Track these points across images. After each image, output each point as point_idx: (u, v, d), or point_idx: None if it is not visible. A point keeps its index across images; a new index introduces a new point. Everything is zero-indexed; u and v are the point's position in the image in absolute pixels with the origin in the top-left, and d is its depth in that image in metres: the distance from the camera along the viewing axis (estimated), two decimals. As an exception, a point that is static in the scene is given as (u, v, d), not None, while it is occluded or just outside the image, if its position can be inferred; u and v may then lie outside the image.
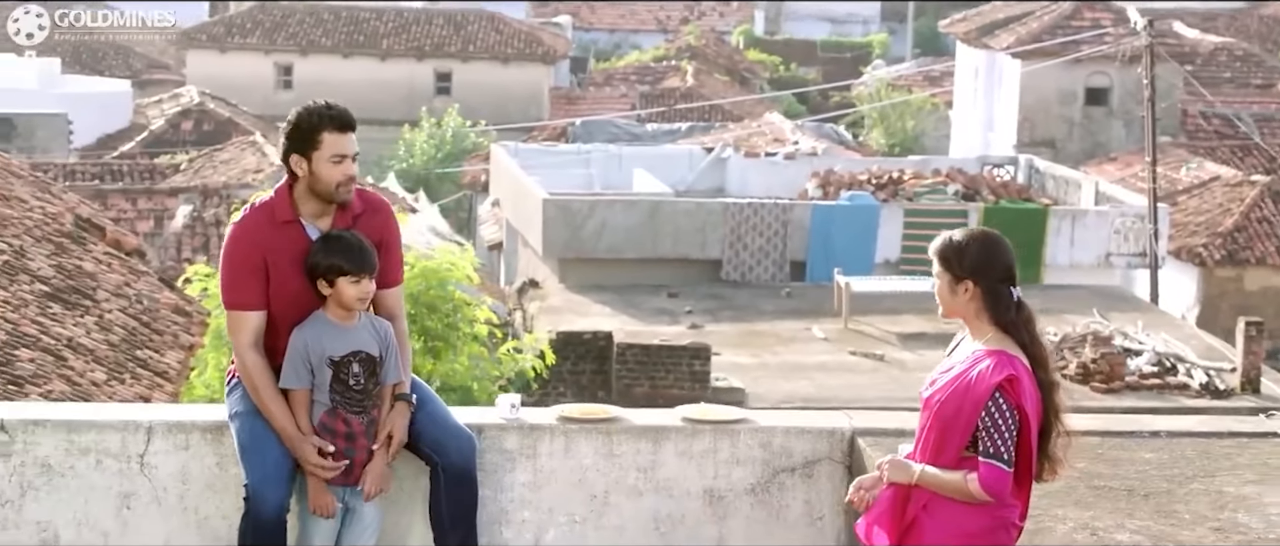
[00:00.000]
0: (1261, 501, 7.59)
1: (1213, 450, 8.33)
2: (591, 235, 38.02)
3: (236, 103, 57.39)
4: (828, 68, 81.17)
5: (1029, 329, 6.87)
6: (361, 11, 71.52)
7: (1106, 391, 29.24)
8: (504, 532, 8.12)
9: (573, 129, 56.23)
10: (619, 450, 8.14)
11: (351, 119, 7.88)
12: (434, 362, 25.49)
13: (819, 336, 33.31)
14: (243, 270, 7.74)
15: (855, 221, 38.02)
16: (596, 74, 76.58)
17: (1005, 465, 6.59)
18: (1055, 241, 37.95)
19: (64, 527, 7.95)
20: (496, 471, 8.08)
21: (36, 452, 7.91)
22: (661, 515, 8.16)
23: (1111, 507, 7.49)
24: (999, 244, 7.05)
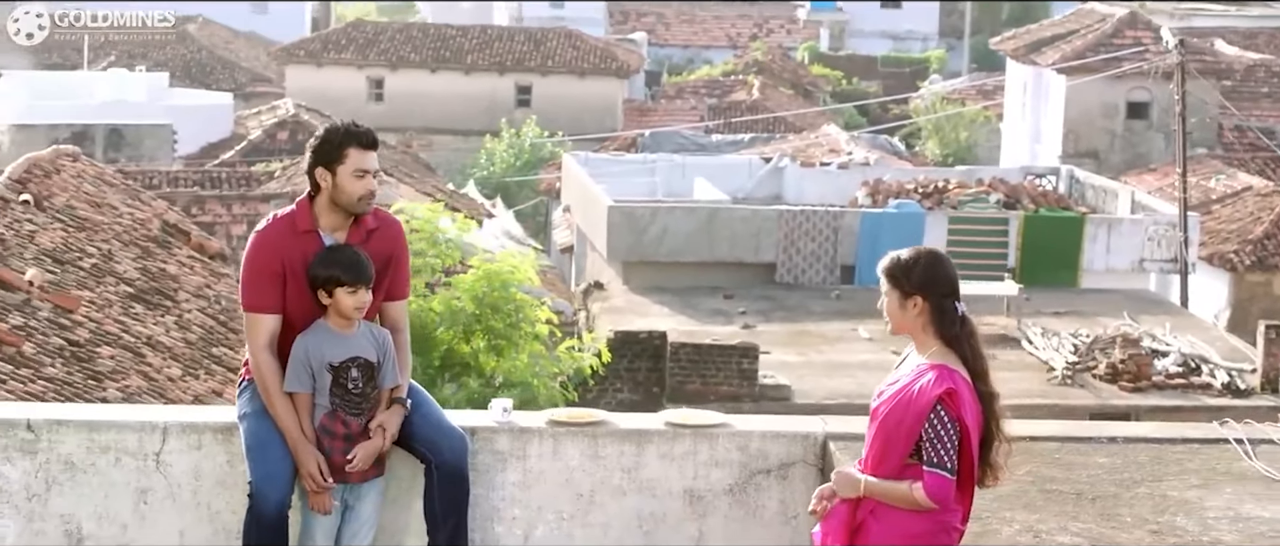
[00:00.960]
0: (1202, 505, 7.54)
1: (1165, 455, 8.26)
2: (653, 240, 38.06)
3: (329, 114, 57.53)
4: (888, 82, 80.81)
5: (972, 343, 6.87)
6: (448, 30, 71.76)
7: (1134, 390, 29.11)
8: (495, 529, 8.13)
9: (642, 139, 56.30)
10: (604, 452, 8.13)
11: (375, 138, 7.96)
12: (497, 360, 25.54)
13: (864, 336, 33.24)
14: (262, 275, 7.80)
15: (902, 228, 37.85)
16: (669, 87, 76.51)
17: (948, 473, 6.59)
18: (1092, 248, 37.79)
19: (86, 520, 8.00)
20: (489, 471, 8.09)
21: (60, 450, 7.98)
22: (644, 514, 8.15)
23: (1058, 510, 7.45)
24: (944, 262, 7.05)
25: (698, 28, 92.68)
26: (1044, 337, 31.73)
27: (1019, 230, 37.77)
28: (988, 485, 6.88)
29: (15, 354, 17.29)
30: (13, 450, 7.96)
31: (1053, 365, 30.27)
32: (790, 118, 62.44)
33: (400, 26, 74.40)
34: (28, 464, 7.97)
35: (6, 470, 7.96)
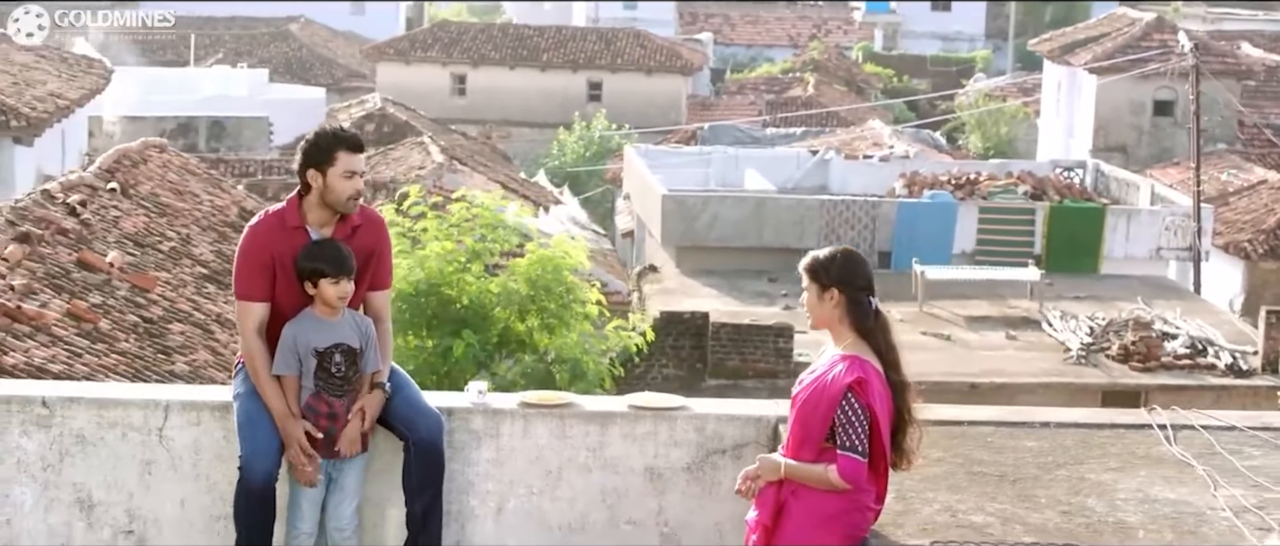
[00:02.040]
0: (1114, 487, 7.50)
1: (1091, 440, 8.21)
2: (704, 227, 38.06)
3: (414, 108, 57.73)
4: (936, 80, 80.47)
5: (885, 335, 6.90)
6: (526, 30, 71.94)
7: (1143, 370, 28.96)
8: (470, 501, 8.17)
9: (702, 132, 56.25)
10: (571, 432, 8.16)
11: (362, 142, 8.07)
12: (550, 337, 25.62)
13: (896, 318, 32.83)
14: (252, 267, 7.89)
15: (935, 217, 37.79)
16: (731, 84, 76.39)
17: (860, 456, 6.62)
18: (1112, 237, 37.56)
19: (96, 489, 8.09)
20: (465, 448, 8.14)
21: (72, 425, 8.06)
22: (608, 489, 8.17)
23: (979, 491, 7.42)
24: (859, 258, 7.06)
25: (761, 28, 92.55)
26: (1062, 320, 31.58)
27: (1044, 220, 37.59)
28: (901, 468, 6.90)
29: (92, 329, 17.48)
30: (30, 424, 8.05)
31: (1069, 346, 30.12)
32: (842, 113, 62.27)
33: (482, 27, 74.62)
34: (43, 437, 8.06)
35: (24, 442, 8.05)
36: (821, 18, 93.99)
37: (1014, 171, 41.73)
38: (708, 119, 62.40)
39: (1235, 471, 7.71)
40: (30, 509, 8.09)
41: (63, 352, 16.38)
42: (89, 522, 8.10)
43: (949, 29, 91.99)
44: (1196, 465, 7.78)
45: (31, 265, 18.14)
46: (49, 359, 16.02)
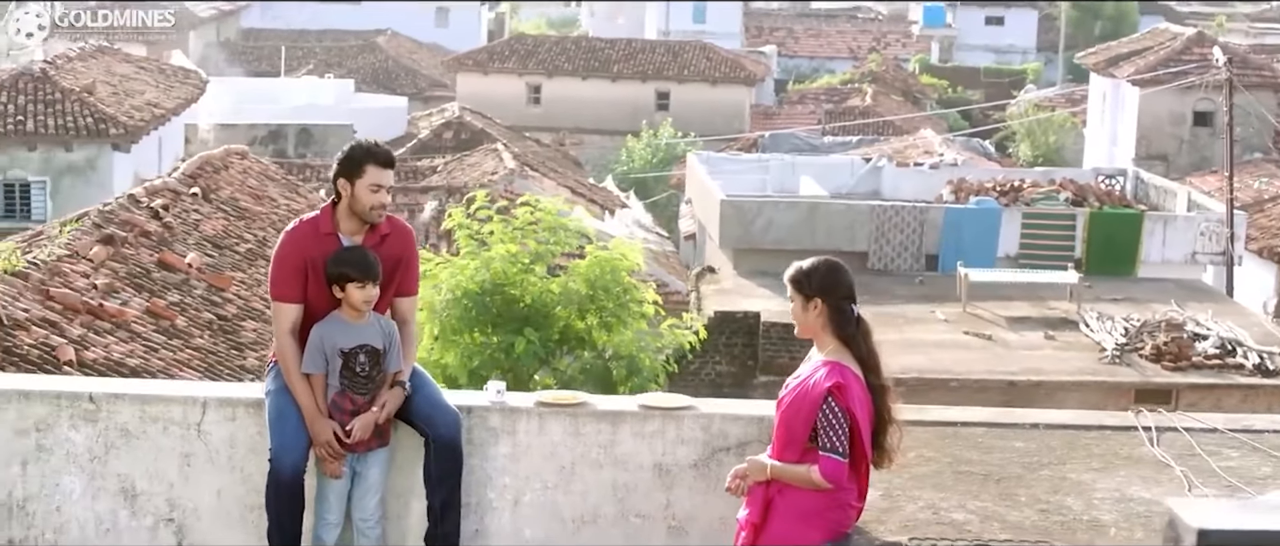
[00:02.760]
0: (1093, 487, 7.48)
1: (1077, 441, 8.17)
2: (760, 230, 37.96)
3: (491, 116, 57.94)
4: (989, 90, 79.97)
5: (866, 341, 6.89)
6: (598, 42, 72.13)
7: (1174, 369, 28.70)
8: (489, 494, 8.20)
9: (762, 140, 56.18)
10: (584, 430, 8.17)
11: (392, 158, 8.09)
12: (608, 335, 25.67)
13: (940, 318, 32.97)
14: (287, 270, 7.96)
15: (980, 222, 37.57)
16: (793, 94, 76.26)
17: (841, 456, 6.63)
18: (1149, 241, 37.23)
19: (139, 479, 8.17)
20: (483, 444, 8.17)
21: (117, 419, 8.15)
22: (619, 484, 8.19)
23: (963, 490, 7.41)
24: (841, 270, 7.05)
25: (823, 41, 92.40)
26: (1099, 321, 31.34)
27: (1085, 225, 37.29)
28: (883, 467, 6.90)
29: (170, 326, 17.67)
30: (78, 418, 8.15)
31: (1104, 346, 29.91)
32: (897, 122, 62.06)
33: (557, 39, 74.83)
34: (90, 430, 8.15)
35: (73, 435, 8.15)
36: (881, 31, 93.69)
37: (1056, 179, 41.44)
38: (770, 127, 62.36)
39: (1211, 472, 7.67)
40: (78, 497, 8.18)
41: (140, 348, 16.56)
42: (133, 510, 8.19)
43: (1002, 42, 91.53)
44: (1175, 466, 7.74)
45: (114, 265, 18.36)
46: (127, 353, 16.21)
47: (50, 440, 8.16)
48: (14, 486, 8.18)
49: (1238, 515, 3.48)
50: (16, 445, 8.16)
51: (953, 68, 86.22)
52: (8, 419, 8.16)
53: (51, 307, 16.35)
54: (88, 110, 36.66)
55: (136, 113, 38.00)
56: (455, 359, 25.49)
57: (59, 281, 17.03)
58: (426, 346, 25.38)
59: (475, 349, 25.30)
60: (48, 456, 8.16)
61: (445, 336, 25.48)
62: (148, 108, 38.99)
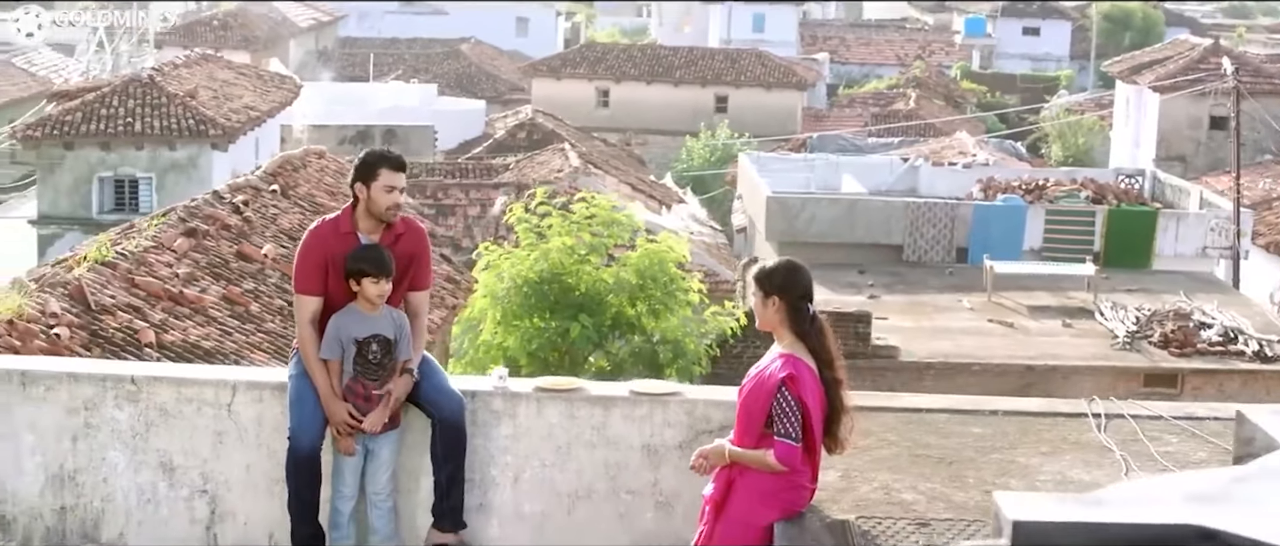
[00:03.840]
0: (1038, 470, 7.44)
1: (1031, 427, 8.12)
2: (803, 224, 37.91)
3: (562, 117, 58.03)
4: (1025, 95, 79.40)
5: (820, 337, 6.88)
6: (662, 49, 72.11)
7: (1180, 355, 28.50)
8: (491, 471, 8.27)
9: (811, 141, 56.02)
10: (578, 413, 8.22)
11: (404, 162, 8.15)
12: (656, 321, 25.74)
13: (966, 307, 32.83)
14: (310, 266, 8.05)
15: (1007, 218, 37.36)
16: (842, 98, 76.00)
17: (793, 442, 6.64)
18: (1163, 237, 36.92)
19: (176, 454, 8.30)
20: (487, 425, 8.23)
21: (156, 400, 8.28)
22: (610, 463, 8.24)
23: (916, 472, 7.40)
24: (800, 271, 7.05)
25: (872, 49, 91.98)
26: (1113, 310, 31.15)
27: (1103, 221, 37.01)
28: (834, 452, 6.91)
29: (244, 311, 17.82)
30: (122, 399, 8.27)
31: (1116, 333, 29.73)
32: (938, 124, 61.72)
33: (623, 47, 74.79)
34: (132, 409, 8.28)
35: (117, 414, 8.28)
36: (926, 40, 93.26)
37: (1078, 178, 41.13)
38: (820, 129, 62.15)
39: (1150, 456, 7.63)
40: (122, 469, 8.32)
41: (216, 331, 16.73)
42: (170, 482, 8.32)
43: (1038, 51, 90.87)
44: (1116, 451, 7.70)
45: (196, 256, 18.53)
46: (202, 336, 16.37)
47: (97, 418, 8.29)
48: (65, 459, 8.32)
49: (1055, 508, 3.48)
50: (67, 422, 8.30)
51: (992, 74, 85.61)
52: (59, 399, 8.29)
53: (136, 294, 16.53)
54: (190, 113, 36.99)
55: (234, 115, 38.30)
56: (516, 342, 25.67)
57: (144, 270, 17.21)
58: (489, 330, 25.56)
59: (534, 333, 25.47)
60: (95, 433, 8.30)
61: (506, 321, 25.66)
62: (244, 110, 39.29)
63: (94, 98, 38.16)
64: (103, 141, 36.75)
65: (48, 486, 8.35)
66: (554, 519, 8.26)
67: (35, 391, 8.31)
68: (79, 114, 37.33)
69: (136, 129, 36.59)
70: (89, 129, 36.78)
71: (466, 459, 8.11)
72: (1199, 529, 3.23)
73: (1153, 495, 3.56)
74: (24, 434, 8.32)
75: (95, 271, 16.59)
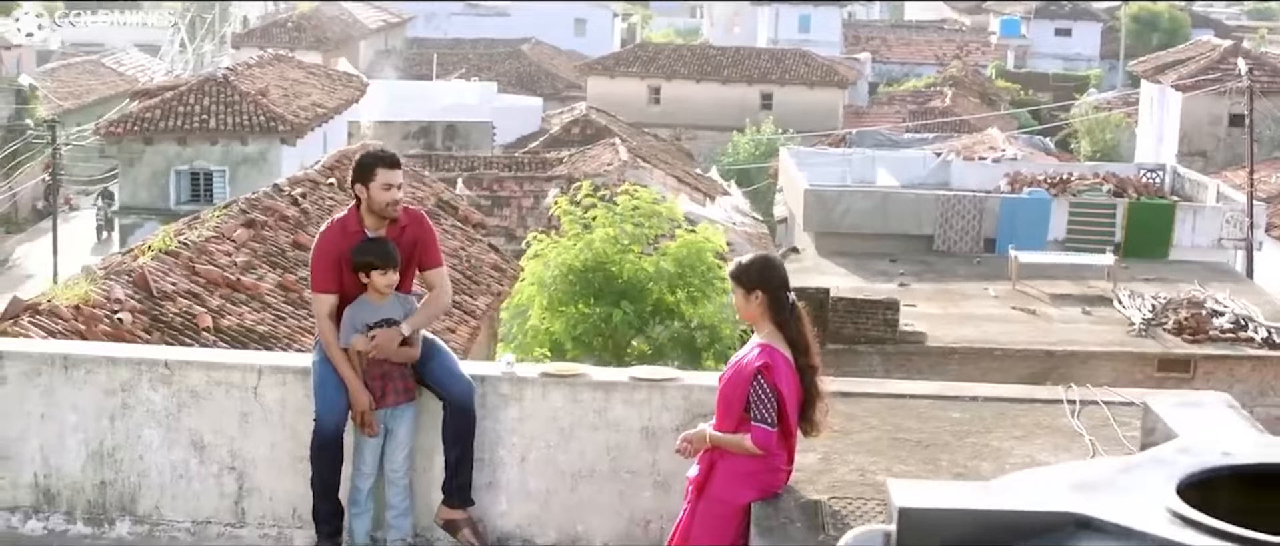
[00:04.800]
0: (1010, 453, 7.41)
1: (1007, 412, 8.07)
2: (839, 216, 37.82)
3: (615, 114, 58.04)
4: (1057, 93, 78.91)
5: (798, 326, 6.86)
6: (710, 49, 72.07)
7: (1193, 341, 28.30)
8: (500, 452, 8.31)
9: (850, 137, 55.84)
10: (581, 397, 8.24)
11: (398, 160, 8.20)
12: (693, 308, 25.79)
13: (992, 295, 32.69)
14: (324, 267, 8.12)
15: (1032, 210, 37.20)
16: (882, 95, 75.74)
17: (769, 426, 6.65)
18: (1180, 229, 36.66)
19: (206, 433, 8.39)
20: (495, 408, 8.28)
21: (187, 382, 8.37)
22: (611, 444, 8.26)
23: (893, 456, 7.38)
24: (775, 263, 7.04)
25: (912, 48, 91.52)
26: (1130, 298, 30.95)
27: (1124, 213, 36.79)
28: (810, 435, 6.90)
29: (297, 298, 17.91)
30: (156, 381, 8.37)
31: (1133, 320, 29.55)
32: (972, 121, 61.38)
33: (674, 47, 74.76)
34: (166, 390, 8.37)
35: (152, 395, 8.38)
36: (963, 40, 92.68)
37: (1100, 173, 40.88)
38: (860, 125, 61.93)
39: (1117, 441, 7.59)
40: (157, 447, 8.41)
41: (270, 317, 16.83)
42: (201, 460, 8.41)
43: (1070, 51, 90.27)
44: (1086, 435, 7.67)
45: (254, 245, 18.64)
46: (257, 321, 16.48)
47: (133, 399, 8.39)
48: (104, 437, 8.43)
49: (942, 495, 3.49)
50: (106, 403, 8.40)
51: (1025, 73, 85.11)
52: (98, 381, 8.40)
53: (196, 281, 16.66)
54: (261, 110, 37.25)
55: (303, 112, 38.54)
56: (562, 327, 25.77)
57: (205, 259, 17.34)
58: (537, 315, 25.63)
59: (579, 318, 25.57)
60: (131, 413, 8.40)
61: (553, 307, 25.76)
62: (312, 107, 39.52)
63: (172, 96, 38.49)
64: (179, 137, 37.08)
65: (89, 462, 8.45)
66: (558, 496, 8.30)
67: (77, 374, 8.41)
68: (158, 111, 37.65)
69: (211, 125, 36.89)
70: (167, 125, 37.11)
71: (476, 440, 8.15)
72: (1076, 516, 3.24)
73: (1045, 483, 3.56)
74: (67, 413, 8.43)
75: (158, 260, 16.72)
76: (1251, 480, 3.46)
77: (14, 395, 8.45)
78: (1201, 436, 4.11)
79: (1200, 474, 3.42)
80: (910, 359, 28.98)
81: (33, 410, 8.46)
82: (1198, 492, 3.33)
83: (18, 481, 8.51)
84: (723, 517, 6.70)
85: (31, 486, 8.51)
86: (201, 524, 8.42)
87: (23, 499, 8.52)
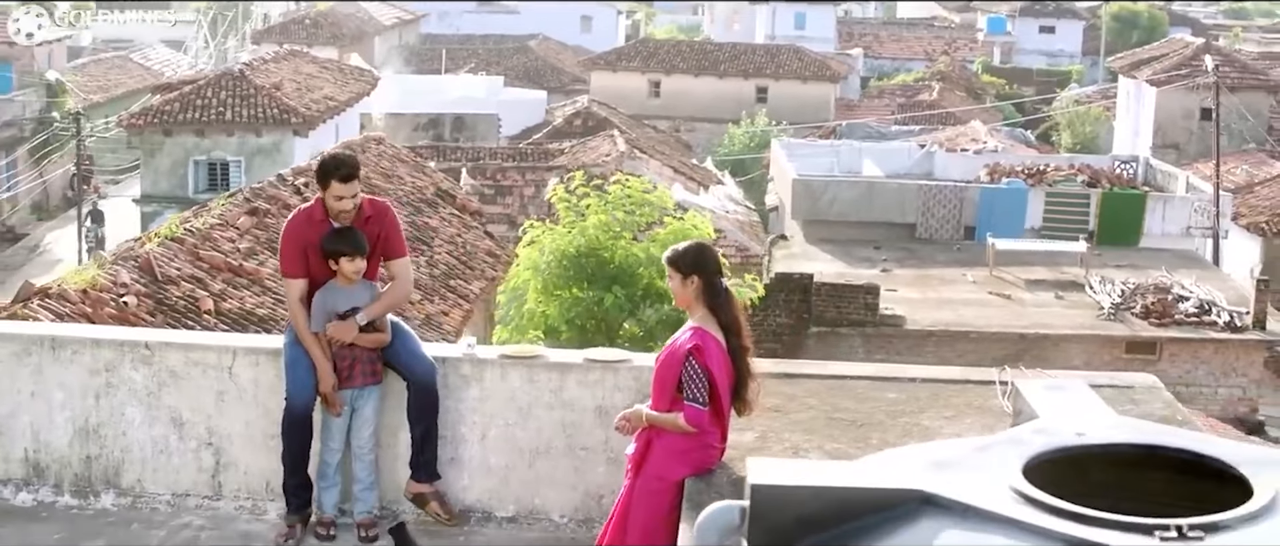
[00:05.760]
0: (938, 432, 7.43)
1: (942, 393, 8.10)
2: (825, 205, 37.81)
3: (616, 107, 57.99)
4: (1040, 88, 78.88)
5: (729, 309, 6.89)
6: (708, 45, 72.03)
7: (1159, 325, 28.35)
8: (461, 429, 8.36)
9: (840, 129, 55.79)
10: (538, 378, 8.28)
11: (352, 173, 8.07)
12: (683, 293, 25.76)
13: (969, 280, 32.73)
14: (292, 252, 8.16)
15: (1010, 199, 37.18)
16: (872, 89, 75.63)
17: (700, 405, 6.69)
18: (1151, 218, 36.63)
19: (184, 411, 8.45)
20: (457, 388, 8.32)
21: (167, 363, 8.42)
22: (567, 422, 8.31)
23: (826, 434, 7.41)
24: (708, 248, 7.08)
25: (903, 45, 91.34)
26: (1101, 284, 31.00)
27: (1097, 203, 36.78)
28: (743, 414, 6.93)
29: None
30: (137, 362, 8.43)
31: (1103, 304, 29.58)
32: (958, 114, 61.26)
33: (673, 43, 74.66)
34: (146, 371, 8.43)
35: (134, 375, 8.44)
36: (952, 37, 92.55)
37: (1075, 163, 40.88)
38: (852, 118, 61.82)
39: (1042, 422, 7.63)
40: (139, 424, 8.48)
41: (269, 300, 16.88)
42: (180, 435, 8.47)
43: (1053, 47, 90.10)
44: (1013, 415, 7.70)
45: (257, 232, 18.71)
46: (257, 305, 16.55)
47: (116, 379, 8.45)
48: (89, 414, 8.50)
49: (795, 473, 3.54)
50: (91, 382, 8.47)
51: (1010, 69, 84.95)
52: (83, 362, 8.46)
53: (200, 266, 16.73)
54: (274, 103, 37.28)
55: (314, 105, 38.56)
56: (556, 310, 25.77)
57: (209, 245, 17.42)
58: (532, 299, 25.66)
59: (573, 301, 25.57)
60: (114, 391, 8.46)
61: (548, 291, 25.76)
62: (324, 101, 39.54)
63: (191, 90, 38.53)
64: (197, 129, 37.12)
65: (75, 438, 8.53)
66: (517, 471, 8.35)
67: (63, 354, 8.48)
68: (177, 104, 37.70)
69: (227, 117, 36.93)
70: (186, 117, 37.16)
71: (439, 418, 8.21)
72: (921, 493, 3.29)
73: (904, 462, 3.61)
74: (54, 391, 8.50)
75: (164, 246, 16.80)
76: (1102, 460, 3.50)
77: (5, 374, 8.52)
78: (1060, 417, 4.15)
79: (1050, 453, 3.47)
80: (890, 341, 29.02)
81: (23, 388, 8.52)
82: (1048, 471, 3.37)
83: (9, 456, 8.59)
84: (658, 493, 6.74)
85: (22, 460, 8.59)
86: (181, 496, 8.49)
87: (14, 472, 8.60)
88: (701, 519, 4.16)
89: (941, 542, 3.08)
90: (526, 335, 24.93)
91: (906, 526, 3.18)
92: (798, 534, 3.28)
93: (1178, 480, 3.47)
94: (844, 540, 3.22)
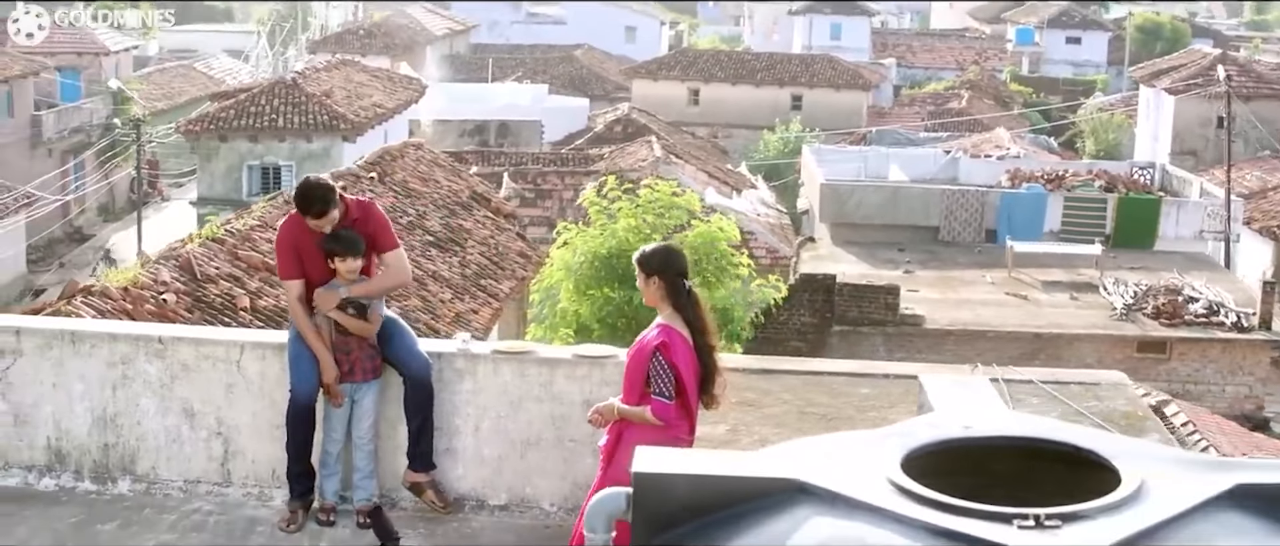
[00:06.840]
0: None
1: (912, 389, 8.11)
2: (852, 208, 37.71)
3: (656, 114, 57.98)
4: (1066, 96, 78.28)
5: (694, 308, 6.92)
6: (745, 55, 71.92)
7: (1169, 325, 28.16)
8: (455, 421, 8.41)
9: (870, 135, 55.62)
10: (528, 372, 8.33)
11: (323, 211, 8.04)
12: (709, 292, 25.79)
13: (989, 281, 32.59)
14: (287, 254, 8.23)
15: (1030, 203, 36.96)
16: (904, 97, 75.31)
17: (667, 399, 6.72)
18: (1165, 222, 36.36)
19: (195, 402, 8.54)
20: (451, 382, 8.38)
21: (179, 356, 8.52)
22: (556, 415, 8.35)
23: (795, 428, 7.44)
24: (674, 251, 7.11)
25: (935, 54, 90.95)
26: (1114, 285, 30.82)
27: (1114, 207, 36.56)
28: (710, 408, 6.95)
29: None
30: (151, 355, 8.53)
31: (1115, 305, 29.41)
32: (986, 121, 60.97)
33: (712, 53, 74.60)
34: (160, 364, 8.53)
35: (148, 368, 8.54)
36: (982, 48, 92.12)
37: (1094, 169, 40.63)
38: (881, 124, 61.64)
39: (1006, 416, 7.62)
40: (153, 414, 8.58)
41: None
42: (192, 425, 8.57)
43: (1079, 57, 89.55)
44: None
45: (295, 233, 18.79)
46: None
47: (132, 371, 8.56)
48: (107, 404, 8.61)
49: (678, 462, 3.57)
50: (108, 374, 8.58)
51: (1037, 78, 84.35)
52: (101, 355, 8.57)
53: (238, 266, 16.89)
54: (324, 110, 37.51)
55: (363, 112, 38.78)
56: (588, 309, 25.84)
57: (247, 245, 17.56)
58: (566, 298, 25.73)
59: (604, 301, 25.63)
60: (130, 383, 8.57)
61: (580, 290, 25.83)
62: (372, 108, 39.76)
63: (246, 97, 38.82)
64: (251, 135, 37.41)
65: (94, 427, 8.64)
66: (509, 461, 8.41)
67: (83, 348, 8.59)
68: (232, 111, 37.99)
69: (279, 124, 37.19)
70: (240, 124, 37.44)
71: (434, 410, 8.27)
72: (798, 482, 3.32)
73: (795, 452, 3.64)
74: (75, 383, 8.61)
75: (205, 246, 16.96)
76: (986, 452, 3.51)
77: (29, 367, 8.64)
78: (953, 412, 4.15)
79: (932, 445, 3.48)
80: (910, 340, 28.95)
81: (46, 380, 8.64)
82: (930, 463, 3.39)
83: (33, 443, 8.71)
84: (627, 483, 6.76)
85: (45, 447, 8.71)
86: (192, 482, 8.59)
87: (38, 458, 8.72)
88: (590, 504, 4.20)
89: (810, 529, 3.11)
90: (559, 333, 25.04)
91: (780, 514, 3.20)
92: (679, 519, 3.31)
93: (1063, 473, 3.49)
94: (720, 526, 3.25)
